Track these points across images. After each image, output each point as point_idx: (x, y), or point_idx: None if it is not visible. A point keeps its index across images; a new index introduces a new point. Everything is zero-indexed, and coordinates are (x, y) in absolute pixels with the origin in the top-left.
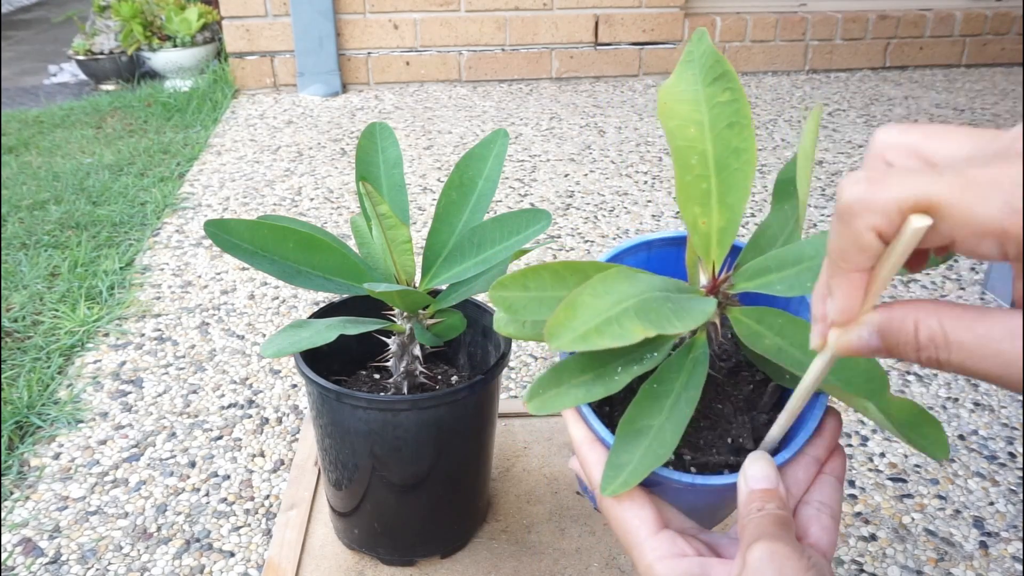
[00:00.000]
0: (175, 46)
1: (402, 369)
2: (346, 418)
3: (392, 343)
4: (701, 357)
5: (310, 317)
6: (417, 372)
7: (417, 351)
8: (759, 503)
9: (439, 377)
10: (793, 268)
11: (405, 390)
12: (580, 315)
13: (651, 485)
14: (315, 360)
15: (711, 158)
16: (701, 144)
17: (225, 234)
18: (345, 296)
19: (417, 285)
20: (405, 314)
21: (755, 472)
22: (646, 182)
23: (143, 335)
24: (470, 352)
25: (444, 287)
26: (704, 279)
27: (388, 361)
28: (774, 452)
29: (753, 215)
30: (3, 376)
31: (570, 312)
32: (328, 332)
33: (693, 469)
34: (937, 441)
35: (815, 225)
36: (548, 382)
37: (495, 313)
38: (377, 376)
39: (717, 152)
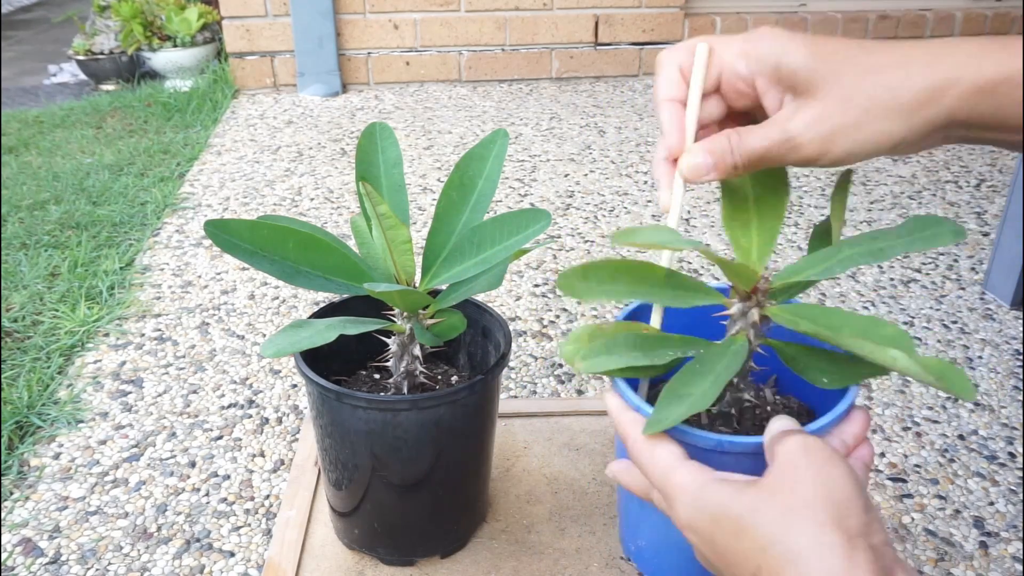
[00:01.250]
0: (175, 46)
1: (402, 369)
2: (346, 418)
3: (392, 343)
4: (741, 350)
5: (310, 317)
6: (417, 372)
7: (417, 351)
8: (784, 433)
9: (439, 377)
10: (824, 264)
11: (405, 390)
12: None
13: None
14: (315, 360)
15: (751, 195)
16: (744, 185)
17: (225, 234)
18: (345, 296)
19: (417, 285)
20: (405, 314)
21: (779, 424)
22: (646, 182)
23: (143, 335)
24: (470, 352)
25: (444, 287)
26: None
27: (388, 361)
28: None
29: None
30: (3, 376)
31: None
32: (328, 332)
33: None
34: (962, 385)
35: (814, 225)
36: (599, 350)
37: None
38: (377, 376)
39: (756, 192)
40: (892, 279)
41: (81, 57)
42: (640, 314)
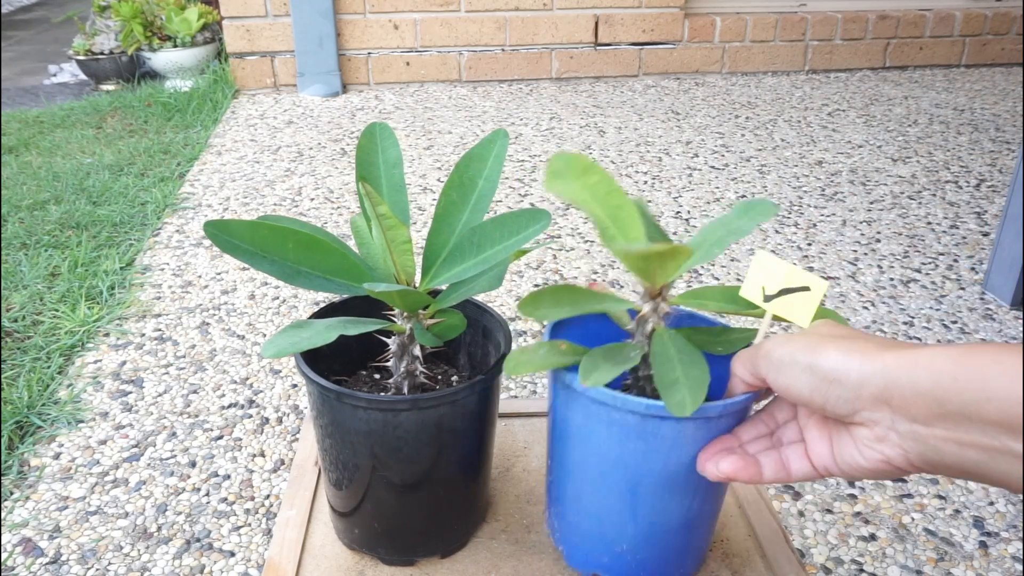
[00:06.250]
0: (175, 46)
1: (402, 369)
2: (347, 418)
3: (392, 343)
4: (669, 335)
5: (310, 317)
6: (417, 372)
7: (417, 351)
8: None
9: (439, 377)
10: (701, 250)
11: (405, 390)
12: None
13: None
14: (315, 360)
15: (606, 216)
16: (595, 209)
17: (225, 235)
18: (345, 296)
19: (417, 285)
20: (405, 314)
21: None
22: (646, 182)
23: (143, 335)
24: (470, 352)
25: (444, 287)
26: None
27: (388, 361)
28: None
29: None
30: (3, 376)
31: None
32: (328, 332)
33: None
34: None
35: (814, 225)
36: (590, 366)
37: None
38: (377, 376)
39: (607, 212)
40: (892, 279)
41: (81, 57)
42: (556, 333)
